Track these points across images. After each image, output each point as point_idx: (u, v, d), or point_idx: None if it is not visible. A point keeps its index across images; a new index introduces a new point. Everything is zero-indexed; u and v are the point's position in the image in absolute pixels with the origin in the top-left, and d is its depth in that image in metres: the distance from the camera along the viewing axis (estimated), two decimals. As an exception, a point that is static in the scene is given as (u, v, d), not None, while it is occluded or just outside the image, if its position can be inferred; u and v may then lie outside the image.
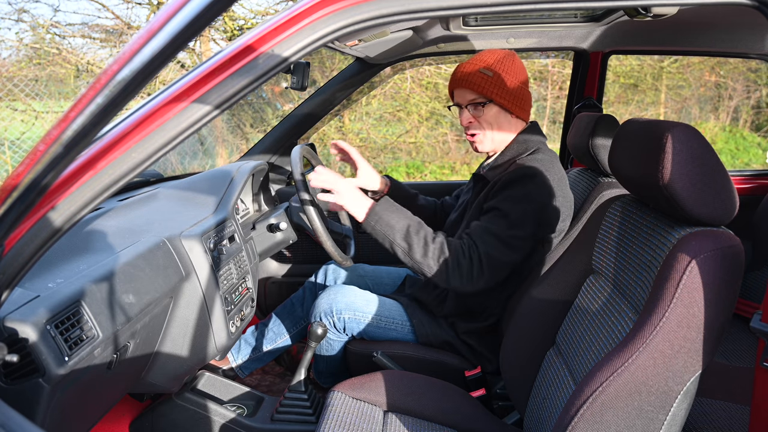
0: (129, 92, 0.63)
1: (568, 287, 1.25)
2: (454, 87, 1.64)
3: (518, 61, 1.62)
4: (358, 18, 0.75)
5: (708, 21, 1.69)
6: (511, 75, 1.58)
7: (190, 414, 1.61)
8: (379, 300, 1.71)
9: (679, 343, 0.88)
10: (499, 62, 1.58)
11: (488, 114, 1.60)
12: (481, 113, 1.60)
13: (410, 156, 6.83)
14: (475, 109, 1.60)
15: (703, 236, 0.91)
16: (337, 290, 1.72)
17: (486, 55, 1.60)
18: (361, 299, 1.69)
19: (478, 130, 1.63)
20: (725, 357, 1.77)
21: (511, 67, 1.59)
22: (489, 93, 1.56)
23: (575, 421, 0.94)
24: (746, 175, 2.39)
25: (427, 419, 1.35)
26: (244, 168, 1.97)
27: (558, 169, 1.58)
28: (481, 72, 1.56)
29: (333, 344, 1.73)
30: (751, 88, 8.50)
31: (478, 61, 1.59)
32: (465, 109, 1.63)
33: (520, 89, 1.60)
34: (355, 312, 1.67)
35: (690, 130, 0.92)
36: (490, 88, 1.56)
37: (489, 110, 1.60)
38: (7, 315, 0.89)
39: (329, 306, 1.68)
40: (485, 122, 1.61)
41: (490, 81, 1.56)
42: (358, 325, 1.67)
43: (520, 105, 1.61)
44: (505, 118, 1.62)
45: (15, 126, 5.01)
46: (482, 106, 1.59)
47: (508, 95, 1.58)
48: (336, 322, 1.67)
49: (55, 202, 0.73)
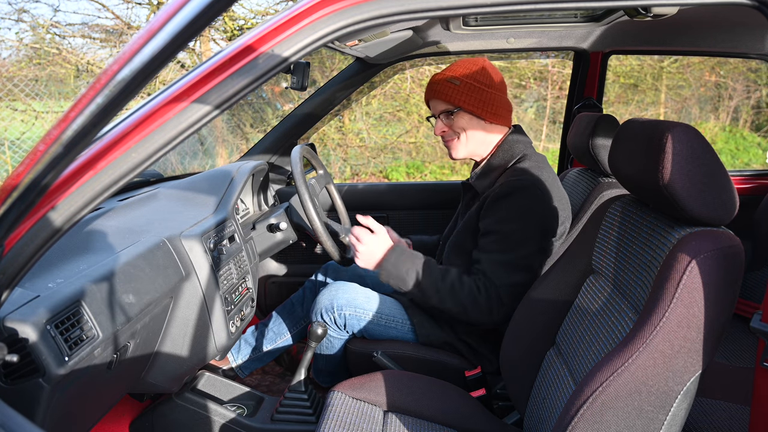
0: (129, 92, 0.63)
1: (568, 287, 1.25)
2: (428, 98, 1.69)
3: (490, 69, 1.64)
4: (358, 18, 0.75)
5: (708, 21, 1.69)
6: (480, 82, 1.60)
7: (190, 414, 1.61)
8: (380, 298, 1.72)
9: (679, 343, 0.88)
10: (468, 71, 1.61)
11: (460, 121, 1.63)
12: (452, 121, 1.64)
13: (410, 156, 6.83)
14: (447, 117, 1.65)
15: (703, 236, 0.91)
16: (339, 287, 1.73)
17: (456, 65, 1.64)
18: (362, 296, 1.70)
19: (452, 137, 1.67)
20: (725, 357, 1.77)
21: (481, 74, 1.61)
22: (457, 101, 1.60)
23: (575, 421, 0.94)
24: (746, 175, 2.39)
25: (427, 419, 1.35)
26: (244, 168, 1.97)
27: (548, 173, 1.59)
28: (449, 81, 1.60)
29: (333, 342, 1.73)
30: (751, 88, 8.50)
31: (447, 71, 1.63)
32: (438, 119, 1.67)
33: (491, 95, 1.61)
34: (356, 309, 1.67)
35: (690, 130, 0.92)
36: (458, 96, 1.60)
37: (460, 118, 1.62)
38: (7, 315, 0.89)
39: (330, 302, 1.68)
40: (457, 129, 1.64)
41: (458, 89, 1.60)
42: (358, 322, 1.67)
43: (492, 110, 1.62)
44: (478, 123, 1.64)
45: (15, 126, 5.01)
46: (451, 114, 1.63)
47: (477, 102, 1.60)
48: (337, 318, 1.67)
49: (55, 202, 0.73)
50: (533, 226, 1.49)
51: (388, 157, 6.71)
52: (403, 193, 2.44)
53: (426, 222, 2.46)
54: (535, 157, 1.62)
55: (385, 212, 2.46)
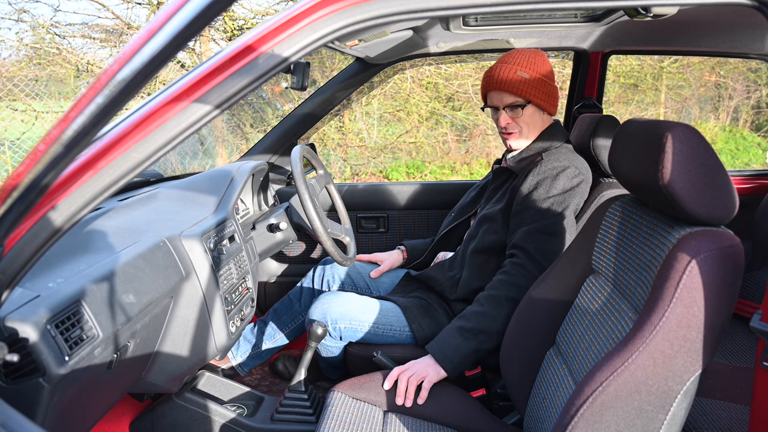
0: (129, 92, 0.63)
1: (568, 287, 1.26)
2: (491, 89, 1.66)
3: (545, 57, 1.66)
4: (358, 18, 0.75)
5: (708, 21, 1.69)
6: (546, 76, 1.62)
7: (190, 414, 1.61)
8: (376, 305, 1.68)
9: (679, 343, 0.88)
10: (532, 61, 1.62)
11: (526, 114, 1.65)
12: (519, 114, 1.65)
13: (410, 156, 6.82)
14: (513, 110, 1.64)
15: (703, 236, 0.91)
16: (331, 299, 1.68)
17: (518, 56, 1.63)
18: (356, 307, 1.66)
19: (516, 129, 1.68)
20: (725, 357, 1.77)
21: (543, 65, 1.63)
22: (527, 95, 1.61)
23: (575, 421, 0.94)
24: (746, 175, 2.39)
25: (427, 419, 1.35)
26: (244, 168, 1.97)
27: (582, 159, 1.65)
28: (518, 74, 1.60)
29: (331, 349, 1.72)
30: (751, 88, 8.50)
31: (513, 62, 1.62)
32: (503, 111, 1.66)
33: (552, 86, 1.65)
34: (351, 321, 1.64)
35: (690, 130, 0.92)
36: (529, 90, 1.60)
37: (527, 111, 1.64)
38: (8, 315, 0.89)
39: (323, 315, 1.65)
40: (523, 122, 1.66)
41: (528, 82, 1.60)
42: (354, 333, 1.65)
43: (553, 102, 1.67)
44: (539, 116, 1.67)
45: (15, 126, 5.01)
46: (521, 108, 1.63)
47: (543, 95, 1.62)
48: (331, 331, 1.65)
49: (55, 202, 0.73)
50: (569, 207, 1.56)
51: (388, 157, 6.70)
52: (403, 193, 2.44)
53: (426, 222, 2.46)
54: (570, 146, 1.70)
55: (385, 212, 2.46)
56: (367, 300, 1.70)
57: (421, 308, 1.69)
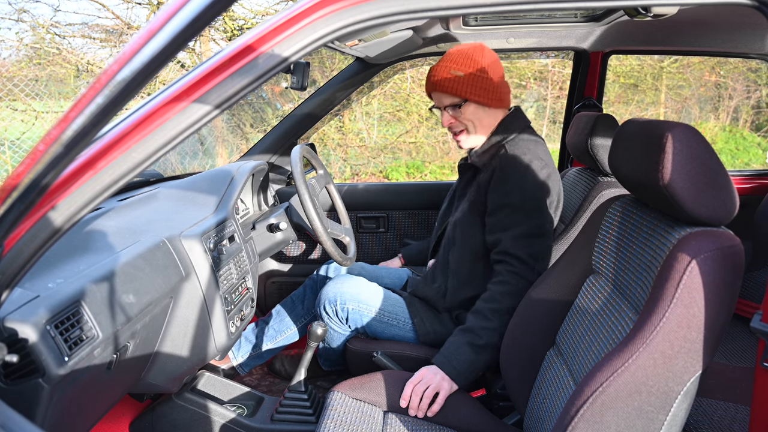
0: (129, 92, 0.63)
1: (568, 287, 1.25)
2: (429, 90, 1.67)
3: (487, 53, 1.62)
4: (358, 18, 0.75)
5: (708, 21, 1.69)
6: (482, 71, 1.58)
7: (190, 414, 1.61)
8: (384, 294, 1.72)
9: (679, 344, 0.88)
10: (468, 59, 1.59)
11: (467, 112, 1.62)
12: (459, 113, 1.62)
13: (410, 156, 6.83)
14: (453, 110, 1.63)
15: (703, 236, 0.91)
16: (345, 280, 1.73)
17: (454, 55, 1.61)
18: (366, 291, 1.70)
19: (460, 128, 1.66)
20: (725, 357, 1.77)
21: (481, 60, 1.59)
22: (463, 93, 1.58)
23: (575, 421, 0.94)
24: (746, 175, 2.39)
25: (426, 419, 1.35)
26: (244, 168, 1.97)
27: (544, 147, 1.63)
28: (452, 73, 1.58)
29: (334, 336, 1.73)
30: (751, 88, 8.50)
31: (448, 62, 1.60)
32: (445, 111, 1.65)
33: (493, 81, 1.60)
34: (359, 303, 1.67)
35: (690, 130, 0.92)
36: (464, 88, 1.58)
37: (467, 109, 1.61)
38: (7, 315, 0.89)
39: (335, 295, 1.68)
40: (465, 120, 1.63)
41: (462, 81, 1.57)
42: (360, 317, 1.67)
43: (497, 96, 1.62)
44: (484, 112, 1.63)
45: (15, 126, 5.01)
46: (459, 107, 1.61)
47: (482, 91, 1.59)
48: (339, 311, 1.67)
49: (55, 202, 0.73)
50: (540, 195, 1.53)
51: (388, 157, 6.71)
52: (403, 193, 2.45)
53: (426, 222, 2.46)
54: (533, 133, 1.66)
55: (385, 212, 2.46)
56: (377, 287, 1.73)
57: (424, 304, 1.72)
